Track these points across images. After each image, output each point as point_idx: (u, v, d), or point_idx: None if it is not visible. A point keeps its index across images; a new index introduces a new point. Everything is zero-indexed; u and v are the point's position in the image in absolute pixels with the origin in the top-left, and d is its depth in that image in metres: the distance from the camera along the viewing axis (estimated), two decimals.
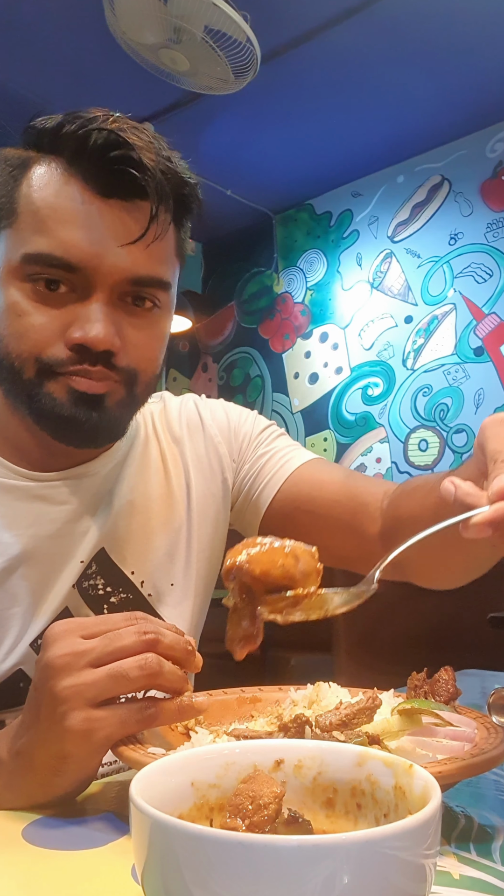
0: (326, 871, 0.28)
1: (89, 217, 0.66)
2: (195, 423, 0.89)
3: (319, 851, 0.28)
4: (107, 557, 0.78)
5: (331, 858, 0.28)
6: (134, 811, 0.32)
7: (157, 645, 0.52)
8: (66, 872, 0.44)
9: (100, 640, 0.51)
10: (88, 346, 0.67)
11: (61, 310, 0.68)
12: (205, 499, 0.86)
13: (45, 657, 0.52)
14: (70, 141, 0.67)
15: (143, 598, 0.80)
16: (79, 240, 0.66)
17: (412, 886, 0.30)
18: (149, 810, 0.31)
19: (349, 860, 0.28)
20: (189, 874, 0.29)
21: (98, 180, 0.67)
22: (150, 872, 0.31)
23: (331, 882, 0.28)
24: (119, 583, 0.79)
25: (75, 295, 0.68)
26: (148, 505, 0.82)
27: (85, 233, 0.66)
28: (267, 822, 0.35)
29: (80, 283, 0.68)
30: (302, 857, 0.28)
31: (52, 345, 0.68)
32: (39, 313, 0.67)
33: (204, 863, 0.29)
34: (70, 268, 0.66)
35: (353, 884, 0.28)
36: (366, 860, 0.28)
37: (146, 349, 0.73)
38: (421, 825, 0.30)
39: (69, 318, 0.68)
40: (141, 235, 0.68)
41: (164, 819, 0.30)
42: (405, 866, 0.29)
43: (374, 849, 0.28)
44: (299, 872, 0.27)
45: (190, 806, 0.39)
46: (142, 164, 0.66)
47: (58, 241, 0.66)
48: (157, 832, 0.30)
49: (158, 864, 0.31)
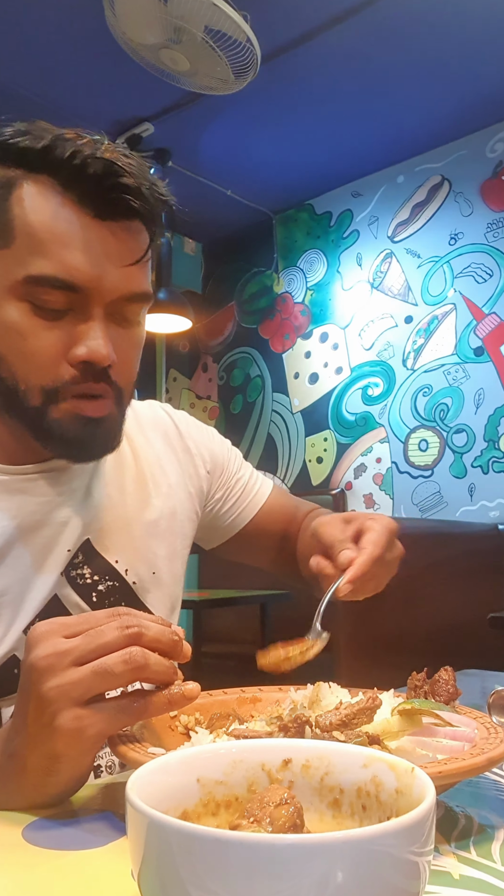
0: (321, 869, 0.28)
1: (87, 239, 0.69)
2: (171, 429, 0.97)
3: (314, 850, 0.28)
4: (91, 547, 0.81)
5: (325, 857, 0.28)
6: (130, 810, 0.32)
7: (141, 638, 0.52)
8: (66, 872, 0.44)
9: (82, 637, 0.51)
10: (93, 362, 0.70)
11: (62, 329, 0.71)
12: (180, 500, 0.93)
13: (28, 659, 0.52)
14: (65, 166, 0.68)
15: (129, 585, 0.83)
16: (80, 262, 0.68)
17: (406, 884, 0.30)
18: (145, 809, 0.31)
19: (343, 858, 0.28)
20: (186, 873, 0.29)
21: (94, 204, 0.69)
22: (146, 871, 0.31)
23: (325, 880, 0.28)
24: (105, 571, 0.81)
25: (74, 314, 0.71)
26: (124, 498, 0.86)
27: (85, 255, 0.69)
28: None
29: (80, 302, 0.70)
30: (297, 855, 0.28)
31: (57, 366, 0.71)
32: (42, 334, 0.70)
33: (200, 861, 0.29)
34: (73, 289, 0.69)
35: (347, 881, 0.28)
36: (359, 858, 0.29)
37: (132, 363, 0.78)
38: (414, 824, 0.30)
39: (70, 338, 0.71)
40: (141, 258, 0.72)
41: (160, 818, 0.30)
42: (399, 864, 0.30)
43: (367, 847, 0.29)
44: (294, 870, 0.28)
45: (196, 802, 0.39)
46: (136, 190, 0.70)
47: (61, 263, 0.68)
48: (153, 831, 0.30)
49: (155, 862, 0.31)
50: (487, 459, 3.13)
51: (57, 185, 0.69)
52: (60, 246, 0.68)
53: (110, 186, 0.68)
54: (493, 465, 3.12)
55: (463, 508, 3.19)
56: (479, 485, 3.15)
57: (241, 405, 4.13)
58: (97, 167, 0.67)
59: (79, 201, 0.69)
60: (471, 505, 3.17)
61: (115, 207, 0.70)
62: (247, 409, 4.10)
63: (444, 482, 3.27)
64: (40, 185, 0.69)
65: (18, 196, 0.69)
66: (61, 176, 0.69)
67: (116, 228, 0.71)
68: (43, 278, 0.68)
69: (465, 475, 3.20)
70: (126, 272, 0.71)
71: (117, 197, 0.69)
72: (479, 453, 3.16)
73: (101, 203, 0.69)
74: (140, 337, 0.79)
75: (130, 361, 0.77)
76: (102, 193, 0.69)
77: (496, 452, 3.11)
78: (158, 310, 3.27)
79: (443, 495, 3.26)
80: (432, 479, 3.31)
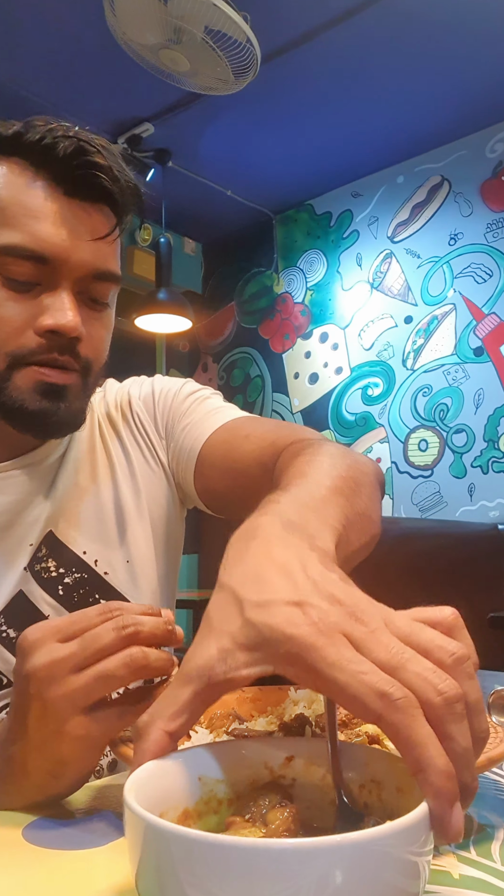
0: (320, 871, 0.28)
1: (58, 214, 0.71)
2: (125, 405, 0.92)
3: (312, 852, 0.28)
4: (55, 539, 0.80)
5: (324, 858, 0.28)
6: (128, 813, 0.32)
7: (138, 637, 0.50)
8: (66, 872, 0.44)
9: (78, 642, 0.50)
10: (60, 332, 0.71)
11: (30, 301, 0.71)
12: (148, 478, 0.89)
13: (25, 668, 0.51)
14: (36, 148, 0.70)
15: (100, 576, 0.81)
16: (50, 234, 0.70)
17: (406, 883, 0.30)
18: (142, 813, 0.31)
19: (343, 859, 0.28)
20: (185, 875, 0.29)
21: (65, 182, 0.71)
22: (144, 873, 0.31)
23: (325, 881, 0.28)
24: (71, 563, 0.80)
25: (41, 287, 0.72)
26: (94, 487, 0.84)
27: (55, 228, 0.70)
28: None
29: (49, 275, 0.71)
30: (296, 857, 0.28)
31: (23, 334, 0.71)
32: (10, 304, 0.71)
33: (199, 865, 0.29)
34: (42, 260, 0.70)
35: (346, 882, 0.28)
36: (359, 859, 0.29)
37: (100, 342, 0.78)
38: (413, 825, 0.30)
39: (38, 309, 0.71)
40: (108, 233, 0.74)
41: (157, 822, 0.30)
42: (398, 864, 0.30)
43: (366, 848, 0.29)
44: (293, 872, 0.28)
45: (197, 800, 0.39)
46: (107, 169, 0.72)
47: (30, 234, 0.70)
48: (150, 835, 0.30)
49: (153, 865, 0.31)
50: (487, 459, 3.13)
51: (29, 165, 0.71)
52: (30, 218, 0.70)
53: (80, 164, 0.70)
54: (492, 465, 3.12)
55: (463, 508, 3.19)
56: (479, 485, 3.15)
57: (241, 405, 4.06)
58: (68, 146, 0.70)
59: (51, 180, 0.71)
60: (470, 505, 3.17)
61: (85, 186, 0.72)
62: (247, 409, 4.05)
63: (443, 482, 3.27)
64: (12, 165, 0.71)
65: None
66: (33, 157, 0.71)
67: (86, 206, 0.73)
68: (13, 248, 0.69)
69: (465, 475, 3.20)
70: (95, 248, 0.73)
71: (87, 174, 0.71)
72: (478, 453, 3.16)
73: (71, 181, 0.71)
74: (110, 320, 0.80)
75: (99, 341, 0.78)
76: (73, 171, 0.71)
77: (496, 452, 3.11)
78: (158, 310, 3.27)
79: (442, 495, 3.27)
80: (432, 479, 3.31)
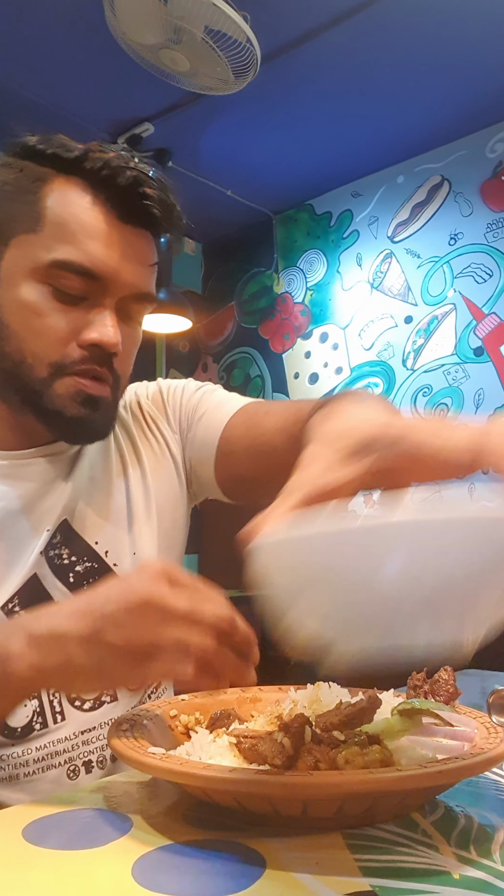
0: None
1: (112, 237, 0.77)
2: (134, 405, 0.97)
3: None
4: (69, 528, 0.83)
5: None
6: (277, 545, 0.40)
7: (230, 638, 0.62)
8: (66, 872, 0.44)
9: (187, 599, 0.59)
10: (102, 346, 0.76)
11: (76, 314, 0.77)
12: (158, 478, 0.92)
13: (163, 591, 0.58)
14: (98, 175, 0.76)
15: (109, 567, 0.85)
16: (103, 254, 0.76)
17: None
18: (309, 531, 0.39)
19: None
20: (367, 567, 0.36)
21: (120, 208, 0.77)
22: (320, 588, 0.38)
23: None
24: (83, 552, 0.83)
25: (89, 303, 0.77)
26: (108, 481, 0.88)
27: (108, 249, 0.76)
28: None
29: (96, 291, 0.77)
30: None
31: (67, 345, 0.77)
32: (57, 315, 0.76)
33: (386, 551, 0.36)
34: (93, 276, 0.76)
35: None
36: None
37: (130, 357, 0.84)
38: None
39: (82, 322, 0.77)
40: (154, 261, 0.81)
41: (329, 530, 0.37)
42: None
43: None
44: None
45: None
46: (161, 202, 0.78)
47: (86, 252, 0.75)
48: (321, 543, 0.37)
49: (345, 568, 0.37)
50: None
51: (89, 187, 0.77)
52: (87, 237, 0.75)
53: (138, 195, 0.77)
54: None
55: None
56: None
57: None
58: (128, 177, 0.76)
59: (107, 204, 0.77)
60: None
61: (138, 214, 0.78)
62: None
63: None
64: (73, 184, 0.77)
65: (51, 188, 0.77)
66: (93, 181, 0.76)
67: (137, 231, 0.79)
68: (68, 263, 0.75)
69: None
70: (140, 272, 0.79)
71: (142, 205, 0.77)
72: None
73: (126, 208, 0.77)
74: (139, 337, 0.85)
75: (129, 356, 0.84)
76: (129, 200, 0.77)
77: None
78: (158, 310, 3.26)
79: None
80: None
